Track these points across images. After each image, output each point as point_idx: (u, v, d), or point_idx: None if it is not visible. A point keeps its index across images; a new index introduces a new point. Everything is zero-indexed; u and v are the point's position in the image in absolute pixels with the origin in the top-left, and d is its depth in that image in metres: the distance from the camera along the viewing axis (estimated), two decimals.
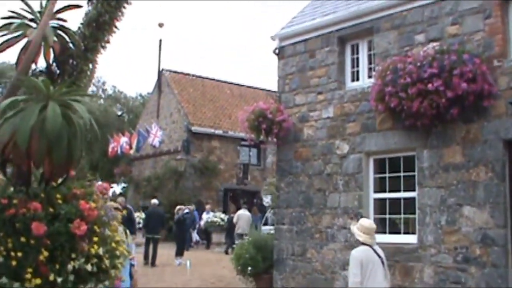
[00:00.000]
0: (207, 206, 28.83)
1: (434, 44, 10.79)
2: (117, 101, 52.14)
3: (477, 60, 10.12)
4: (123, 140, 34.03)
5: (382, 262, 7.83)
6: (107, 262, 6.04)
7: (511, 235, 9.94)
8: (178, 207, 22.95)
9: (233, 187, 33.37)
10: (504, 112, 10.10)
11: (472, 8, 10.73)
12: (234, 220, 24.30)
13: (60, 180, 5.58)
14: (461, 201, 10.49)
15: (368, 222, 8.20)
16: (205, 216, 28.10)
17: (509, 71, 10.16)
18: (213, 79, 37.33)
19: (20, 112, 5.23)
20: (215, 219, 27.63)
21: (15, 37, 6.23)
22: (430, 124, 10.77)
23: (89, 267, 5.73)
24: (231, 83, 38.04)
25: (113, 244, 6.32)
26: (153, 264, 20.20)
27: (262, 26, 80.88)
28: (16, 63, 6.51)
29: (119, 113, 52.04)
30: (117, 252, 6.36)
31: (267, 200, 33.53)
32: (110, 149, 34.53)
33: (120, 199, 17.14)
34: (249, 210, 25.66)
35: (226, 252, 23.87)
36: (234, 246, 17.23)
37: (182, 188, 31.17)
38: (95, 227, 5.88)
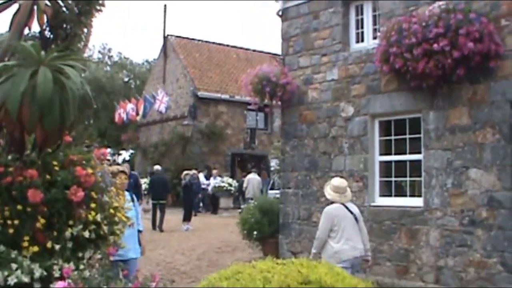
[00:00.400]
0: (214, 171, 28.84)
1: (440, 3, 10.48)
2: (123, 67, 51.96)
3: (484, 19, 9.86)
4: (130, 106, 33.97)
5: (356, 219, 8.29)
6: (105, 228, 5.98)
7: None
8: (185, 172, 22.94)
9: (240, 151, 33.36)
10: (511, 73, 9.88)
11: None
12: (244, 184, 24.36)
13: (54, 147, 5.47)
14: (467, 163, 10.33)
15: (338, 181, 8.57)
16: (212, 181, 28.12)
17: None
18: (219, 44, 37.04)
19: (10, 77, 5.10)
20: (222, 184, 27.65)
21: (7, 1, 6.06)
22: (436, 85, 10.56)
23: (86, 234, 5.67)
24: (237, 47, 37.72)
25: (111, 210, 6.25)
26: (160, 229, 20.28)
27: None
28: (9, 29, 6.36)
29: (126, 79, 51.89)
30: (116, 219, 6.29)
31: (273, 164, 33.58)
32: (116, 116, 34.50)
33: (125, 165, 17.12)
34: (259, 174, 25.68)
35: None
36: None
37: (189, 153, 31.17)
38: (93, 194, 5.80)
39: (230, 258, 14.60)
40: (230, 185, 27.92)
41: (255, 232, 13.73)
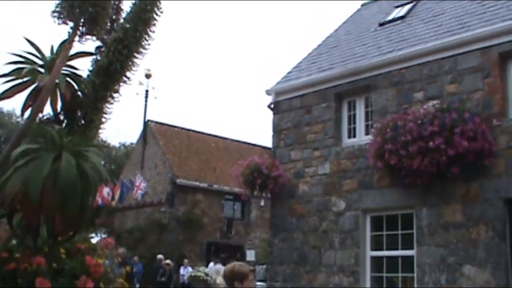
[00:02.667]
0: (185, 261, 28.20)
1: (434, 102, 10.82)
2: (99, 150, 51.68)
3: (477, 119, 10.18)
4: (106, 190, 33.52)
5: None
6: None
7: None
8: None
9: (216, 241, 32.93)
10: (504, 171, 10.10)
11: (471, 67, 10.84)
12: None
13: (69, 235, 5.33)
14: (461, 260, 10.35)
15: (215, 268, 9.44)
16: (182, 270, 27.55)
17: (508, 130, 10.22)
18: (199, 132, 37.22)
19: (31, 161, 5.02)
20: (198, 274, 27.09)
21: (24, 82, 6.07)
22: (430, 182, 10.70)
23: None
24: (216, 136, 37.94)
25: None
26: None
27: (244, 81, 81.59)
28: (22, 109, 6.33)
29: (102, 162, 51.59)
30: None
31: (251, 255, 33.16)
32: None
33: (121, 250, 16.87)
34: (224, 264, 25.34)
35: None
36: None
37: (165, 241, 30.65)
38: (101, 284, 5.66)
39: None
40: (207, 274, 27.35)
41: None
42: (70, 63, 6.43)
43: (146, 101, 34.55)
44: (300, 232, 13.08)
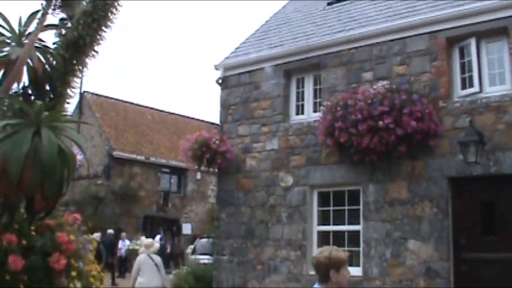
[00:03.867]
0: (123, 234, 28.05)
1: (384, 82, 11.13)
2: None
3: (425, 100, 10.57)
4: None
5: (156, 265, 11.75)
6: None
7: (454, 268, 10.31)
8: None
9: (153, 214, 32.85)
10: (448, 151, 10.56)
11: (419, 50, 11.21)
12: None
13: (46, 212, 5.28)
14: (406, 235, 10.80)
15: (146, 241, 12.58)
16: (120, 244, 27.41)
17: (453, 112, 10.65)
18: (135, 104, 36.82)
19: (9, 137, 4.94)
20: (137, 247, 27.01)
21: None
22: (378, 160, 11.06)
23: None
24: (153, 108, 37.63)
25: (91, 279, 6.11)
26: None
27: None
28: None
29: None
30: (94, 287, 6.14)
31: (187, 228, 33.27)
32: None
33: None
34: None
35: None
36: None
37: (101, 214, 30.34)
38: (72, 261, 5.64)
39: None
40: None
41: None
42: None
43: (82, 71, 33.82)
44: (247, 206, 13.28)
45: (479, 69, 10.61)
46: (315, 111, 12.75)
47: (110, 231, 24.90)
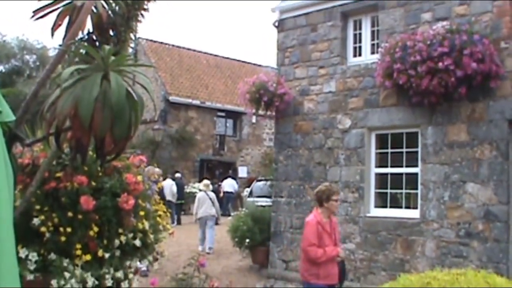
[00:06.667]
0: (177, 175, 28.57)
1: (444, 23, 10.90)
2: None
3: (486, 41, 10.31)
4: None
5: (210, 199, 17.40)
6: (151, 236, 6.05)
7: None
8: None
9: (209, 158, 33.40)
10: (509, 93, 10.34)
11: None
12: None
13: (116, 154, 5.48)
14: (464, 178, 10.74)
15: (204, 181, 18.23)
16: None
17: None
18: (189, 49, 37.03)
19: (79, 82, 5.11)
20: (193, 190, 27.60)
21: (64, 4, 6.07)
22: (437, 102, 10.94)
23: (137, 242, 5.72)
24: (207, 53, 37.79)
25: (158, 219, 6.34)
26: None
27: None
28: (52, 29, 6.33)
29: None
30: (160, 227, 6.38)
31: (243, 171, 33.73)
32: None
33: (157, 170, 17.60)
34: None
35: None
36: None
37: (158, 158, 30.99)
38: (139, 201, 5.86)
39: (217, 265, 14.71)
40: (200, 190, 27.82)
41: (247, 240, 13.87)
42: None
43: (143, 16, 34.05)
44: (305, 149, 13.39)
45: None
46: (372, 53, 12.63)
47: (178, 175, 26.69)
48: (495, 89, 10.48)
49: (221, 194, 26.84)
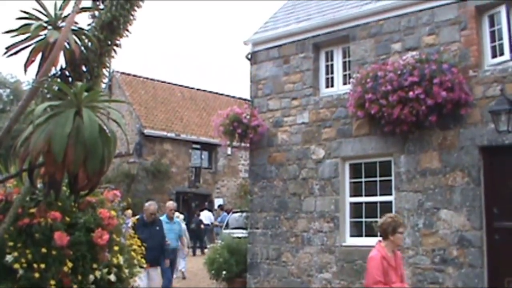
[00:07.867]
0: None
1: (413, 53, 11.14)
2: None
3: (455, 70, 10.56)
4: None
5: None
6: (126, 271, 6.02)
7: (487, 236, 10.37)
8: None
9: (185, 190, 33.27)
10: (479, 120, 10.55)
11: (448, 20, 11.15)
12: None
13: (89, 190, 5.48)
14: (438, 204, 10.88)
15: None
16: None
17: (483, 81, 10.62)
18: (164, 82, 37.06)
19: (52, 118, 5.13)
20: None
21: (29, 37, 6.10)
22: (408, 130, 11.11)
23: (112, 277, 5.68)
24: (182, 85, 37.85)
25: (132, 253, 6.32)
26: None
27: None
28: (25, 65, 6.35)
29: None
30: (135, 261, 6.35)
31: (219, 203, 33.61)
32: None
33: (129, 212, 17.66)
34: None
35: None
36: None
37: (134, 191, 30.82)
38: (114, 236, 5.85)
39: None
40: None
41: (223, 272, 13.82)
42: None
43: (116, 51, 34.08)
44: (279, 180, 13.45)
45: (509, 37, 10.51)
46: (344, 83, 12.82)
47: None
48: (465, 116, 10.68)
49: (202, 226, 26.79)
